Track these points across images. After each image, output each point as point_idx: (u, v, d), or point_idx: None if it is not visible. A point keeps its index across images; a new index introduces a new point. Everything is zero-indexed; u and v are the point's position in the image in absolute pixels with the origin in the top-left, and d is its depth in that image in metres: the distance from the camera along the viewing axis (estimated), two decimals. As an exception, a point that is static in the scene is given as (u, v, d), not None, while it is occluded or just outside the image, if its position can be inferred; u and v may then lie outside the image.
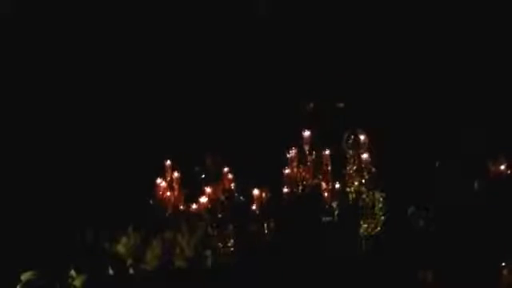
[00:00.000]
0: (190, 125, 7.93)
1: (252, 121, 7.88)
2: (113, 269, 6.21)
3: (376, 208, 6.30)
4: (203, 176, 7.01)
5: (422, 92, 7.84)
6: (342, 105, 7.53)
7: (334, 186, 6.41)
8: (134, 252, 6.27)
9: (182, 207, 6.68)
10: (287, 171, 6.51)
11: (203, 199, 6.45)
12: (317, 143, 6.59)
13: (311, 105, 7.76)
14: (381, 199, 6.31)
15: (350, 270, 6.01)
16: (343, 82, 7.92)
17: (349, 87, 7.88)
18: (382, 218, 6.27)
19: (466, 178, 6.57)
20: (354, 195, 6.35)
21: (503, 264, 5.88)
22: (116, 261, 6.24)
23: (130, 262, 6.24)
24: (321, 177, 6.46)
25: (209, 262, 6.21)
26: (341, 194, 6.38)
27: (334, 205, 6.36)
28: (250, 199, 6.32)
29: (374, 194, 6.35)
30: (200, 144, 7.51)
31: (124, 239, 6.29)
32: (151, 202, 6.69)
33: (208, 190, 6.49)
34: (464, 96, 7.76)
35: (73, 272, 6.13)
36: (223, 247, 6.23)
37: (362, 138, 6.52)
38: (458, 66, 7.86)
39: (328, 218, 6.33)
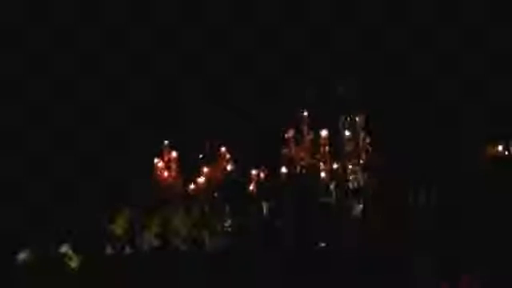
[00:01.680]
0: (190, 107, 7.93)
1: (250, 102, 7.88)
2: (110, 248, 6.22)
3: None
4: (201, 156, 7.01)
5: (420, 74, 7.83)
6: (341, 88, 7.53)
7: (331, 166, 6.43)
8: (131, 232, 6.28)
9: (179, 187, 6.68)
10: (285, 151, 6.56)
11: (201, 179, 6.46)
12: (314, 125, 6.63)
13: (311, 88, 7.76)
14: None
15: (347, 251, 6.01)
16: (341, 66, 7.92)
17: (348, 70, 7.88)
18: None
19: (465, 158, 6.58)
20: (350, 175, 6.39)
21: None
22: (113, 241, 6.25)
23: (126, 241, 6.25)
24: (318, 157, 6.48)
25: (205, 241, 6.22)
26: (338, 175, 6.40)
27: (332, 185, 6.38)
28: (248, 179, 6.34)
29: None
30: (198, 126, 7.51)
31: (120, 220, 6.30)
32: (149, 182, 6.69)
33: (206, 170, 6.50)
34: (463, 78, 7.76)
35: (70, 252, 6.13)
36: (220, 227, 6.24)
37: (358, 119, 6.58)
38: (456, 48, 7.86)
39: (326, 199, 6.34)
